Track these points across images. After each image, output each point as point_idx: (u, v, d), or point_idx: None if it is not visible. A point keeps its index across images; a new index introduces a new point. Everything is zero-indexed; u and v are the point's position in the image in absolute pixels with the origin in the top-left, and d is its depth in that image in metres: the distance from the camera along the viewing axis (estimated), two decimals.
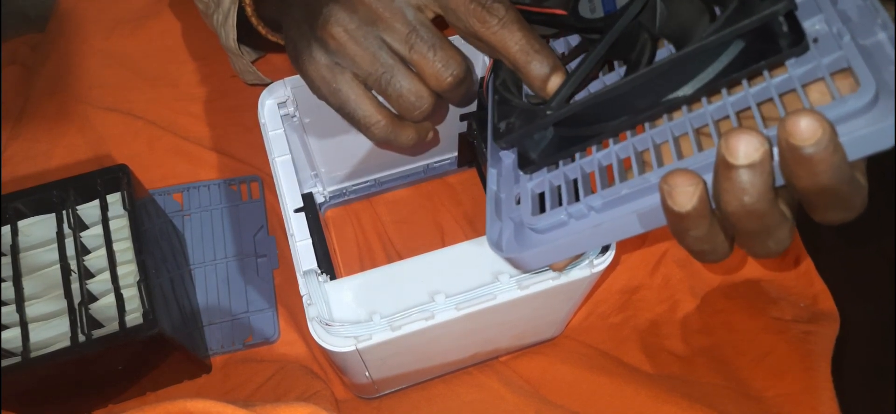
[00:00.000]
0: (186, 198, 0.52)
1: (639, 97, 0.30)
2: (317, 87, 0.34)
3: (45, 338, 0.38)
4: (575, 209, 0.31)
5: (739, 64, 0.27)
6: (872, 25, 0.25)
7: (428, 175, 0.55)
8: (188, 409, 0.32)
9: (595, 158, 0.32)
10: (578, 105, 0.30)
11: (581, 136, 0.32)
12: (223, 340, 0.48)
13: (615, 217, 0.29)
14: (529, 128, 0.32)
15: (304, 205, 0.39)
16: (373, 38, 0.32)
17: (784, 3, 0.25)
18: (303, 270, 0.36)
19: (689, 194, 0.25)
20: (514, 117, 0.33)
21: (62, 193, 0.41)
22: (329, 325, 0.34)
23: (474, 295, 0.35)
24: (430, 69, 0.33)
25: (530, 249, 0.32)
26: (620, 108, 0.30)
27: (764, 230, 0.26)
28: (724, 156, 0.24)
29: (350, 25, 0.32)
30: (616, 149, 0.31)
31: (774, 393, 0.45)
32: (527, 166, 0.34)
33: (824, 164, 0.23)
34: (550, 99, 0.31)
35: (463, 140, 0.52)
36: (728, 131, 0.24)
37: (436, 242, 0.53)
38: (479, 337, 0.41)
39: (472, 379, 0.45)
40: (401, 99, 0.33)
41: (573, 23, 0.33)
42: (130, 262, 0.40)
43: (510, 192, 0.35)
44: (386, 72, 0.33)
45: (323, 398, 0.43)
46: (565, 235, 0.31)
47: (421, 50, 0.32)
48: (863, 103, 0.24)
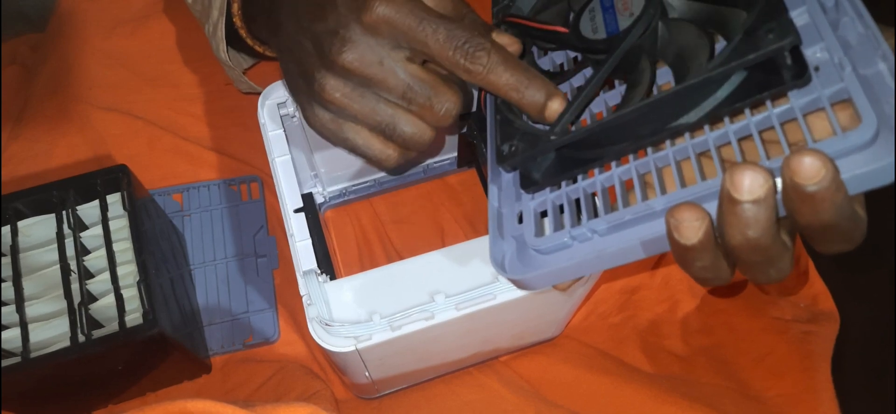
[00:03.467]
0: (186, 198, 0.52)
1: (642, 124, 0.30)
2: (324, 136, 0.35)
3: (45, 338, 0.38)
4: (578, 232, 0.31)
5: (742, 94, 0.28)
6: (873, 55, 0.26)
7: (428, 175, 0.55)
8: (188, 409, 0.32)
9: (597, 179, 0.32)
10: (582, 131, 0.30)
11: (584, 159, 0.32)
12: (223, 340, 0.48)
13: (619, 243, 0.30)
14: (533, 152, 0.32)
15: (304, 205, 0.39)
16: (370, 96, 0.33)
17: (790, 39, 0.26)
18: (303, 270, 0.36)
19: (696, 229, 0.26)
20: (517, 140, 0.33)
21: (62, 193, 0.41)
22: (329, 325, 0.34)
23: (474, 295, 0.35)
24: (430, 116, 0.34)
25: (533, 271, 0.32)
26: (624, 133, 0.30)
27: (766, 261, 0.27)
28: (729, 191, 0.25)
29: (345, 89, 0.33)
30: (618, 171, 0.31)
31: (774, 393, 0.45)
32: (529, 186, 0.34)
33: (827, 203, 0.24)
34: (554, 123, 0.31)
35: (463, 140, 0.52)
36: (733, 166, 0.24)
37: (436, 242, 0.53)
38: (479, 337, 0.41)
39: (472, 379, 0.45)
40: (405, 141, 0.34)
41: (574, 42, 0.33)
42: (130, 262, 0.40)
43: (511, 208, 0.35)
44: (388, 123, 0.33)
45: (323, 398, 0.43)
46: (568, 258, 0.31)
47: (418, 102, 0.33)
48: (864, 139, 0.24)
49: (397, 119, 0.34)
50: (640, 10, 0.31)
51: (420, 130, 0.34)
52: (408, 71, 0.33)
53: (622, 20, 0.31)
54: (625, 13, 0.31)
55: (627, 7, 0.32)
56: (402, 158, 0.36)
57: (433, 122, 0.34)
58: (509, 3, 0.38)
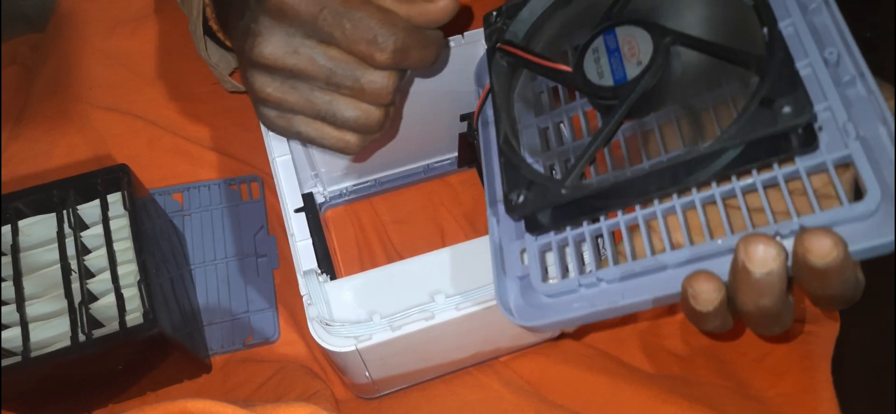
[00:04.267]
0: (186, 198, 0.52)
1: (653, 181, 0.30)
2: (278, 133, 0.34)
3: (45, 337, 0.38)
4: (588, 280, 0.31)
5: (751, 157, 0.28)
6: (874, 118, 0.27)
7: (428, 175, 0.55)
8: (188, 409, 0.32)
9: (603, 225, 0.32)
10: (593, 187, 0.30)
11: (590, 206, 0.32)
12: (223, 340, 0.48)
13: (631, 297, 0.30)
14: (544, 204, 0.32)
15: (304, 205, 0.39)
16: (302, 87, 0.32)
17: (806, 116, 0.26)
18: (303, 270, 0.36)
19: (712, 300, 0.27)
20: (525, 190, 0.32)
21: (62, 193, 0.41)
22: (329, 325, 0.34)
23: (474, 295, 0.35)
24: (365, 96, 0.32)
25: (543, 319, 0.32)
26: (634, 189, 0.31)
27: (773, 321, 0.28)
28: (743, 262, 0.26)
29: (274, 84, 0.32)
30: (624, 219, 0.32)
31: (774, 393, 0.45)
32: (535, 229, 0.34)
33: (836, 278, 0.25)
34: (565, 175, 0.31)
35: (463, 140, 0.52)
36: (747, 238, 0.26)
37: (436, 242, 0.53)
38: (479, 337, 0.41)
39: (472, 379, 0.45)
40: (354, 126, 0.33)
41: (580, 84, 0.33)
42: (131, 262, 0.40)
43: (512, 244, 0.35)
44: (327, 111, 0.32)
45: (323, 398, 0.43)
46: (578, 308, 0.31)
47: (347, 84, 0.32)
48: (869, 210, 0.26)
49: (335, 105, 0.32)
50: (647, 58, 0.31)
51: (364, 112, 0.33)
52: (327, 55, 0.31)
53: (630, 67, 0.31)
54: (632, 60, 0.31)
55: (634, 53, 0.31)
56: (362, 142, 0.34)
57: (372, 101, 0.33)
58: (503, 26, 0.37)
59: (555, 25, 0.37)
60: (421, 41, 0.32)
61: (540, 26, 0.37)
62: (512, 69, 0.37)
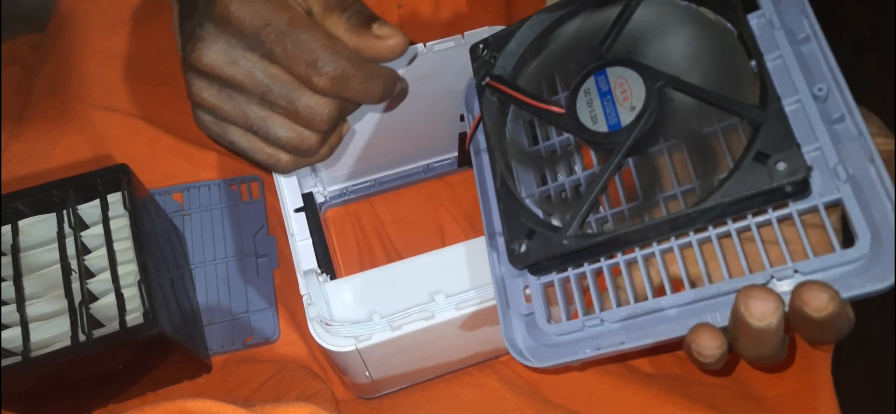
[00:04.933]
0: (186, 198, 0.52)
1: (651, 232, 0.31)
2: (212, 138, 0.34)
3: (45, 337, 0.38)
4: (593, 322, 0.32)
5: (746, 205, 0.29)
6: (863, 159, 0.27)
7: (428, 175, 0.55)
8: (188, 409, 0.32)
9: (603, 264, 0.33)
10: (595, 239, 0.31)
11: (591, 252, 0.32)
12: (223, 340, 0.48)
13: (636, 341, 0.31)
14: (546, 254, 0.32)
15: (304, 205, 0.39)
16: (239, 98, 0.31)
17: (801, 174, 0.26)
18: (303, 270, 0.36)
19: (717, 356, 0.28)
20: (527, 239, 0.32)
21: (62, 193, 0.41)
22: (329, 325, 0.34)
23: (474, 295, 0.35)
24: (298, 119, 0.32)
25: (552, 360, 0.33)
26: (633, 238, 0.31)
27: (769, 361, 0.29)
28: (743, 316, 0.27)
29: (211, 91, 0.31)
30: (624, 259, 0.32)
31: (774, 393, 0.45)
32: (538, 272, 0.34)
33: (831, 326, 0.26)
34: (566, 226, 0.31)
35: (463, 140, 0.52)
36: (746, 292, 0.27)
37: (436, 242, 0.53)
38: (479, 337, 0.41)
39: (472, 379, 0.45)
40: (286, 146, 0.32)
41: (572, 128, 0.33)
42: (131, 261, 0.40)
43: (515, 280, 0.35)
44: (260, 126, 0.32)
45: (323, 398, 0.43)
46: (584, 349, 0.32)
47: (281, 105, 0.31)
48: (861, 254, 0.26)
49: (269, 122, 0.31)
50: (640, 102, 0.31)
51: (298, 135, 0.32)
52: (266, 71, 0.30)
53: (623, 113, 0.31)
54: (625, 105, 0.31)
55: (627, 98, 0.31)
56: (295, 164, 0.34)
57: (306, 125, 0.32)
58: (491, 59, 0.37)
59: (543, 57, 0.37)
60: (366, 73, 0.31)
61: (527, 58, 0.37)
62: (502, 104, 0.37)
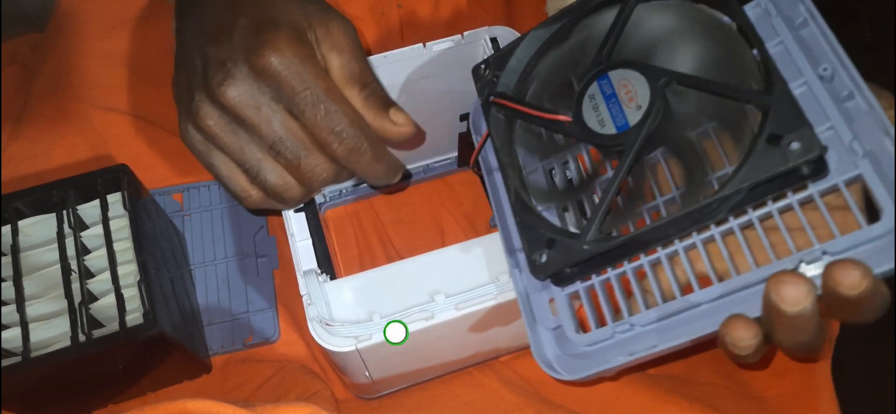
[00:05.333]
0: (186, 198, 0.52)
1: (671, 229, 0.30)
2: (194, 154, 0.34)
3: (45, 338, 0.38)
4: (621, 327, 0.32)
5: (763, 192, 0.29)
6: (878, 133, 0.27)
7: (428, 175, 0.55)
8: (188, 409, 0.33)
9: (627, 267, 0.32)
10: (615, 241, 0.30)
11: (614, 255, 0.32)
12: (223, 340, 0.48)
13: (666, 338, 0.31)
14: (567, 261, 0.32)
15: (303, 205, 0.39)
16: (241, 135, 0.33)
17: (815, 152, 0.26)
18: (303, 270, 0.36)
19: (753, 346, 0.28)
20: (547, 249, 0.32)
21: (62, 193, 0.41)
22: (329, 325, 0.34)
23: (474, 295, 0.35)
24: (297, 174, 0.33)
25: (585, 371, 0.32)
26: (654, 236, 0.31)
27: (809, 349, 0.29)
28: (776, 303, 0.26)
29: (219, 121, 0.32)
30: (647, 260, 0.32)
31: (774, 393, 0.45)
32: (561, 282, 0.34)
33: (867, 304, 0.26)
34: (585, 231, 0.31)
35: (463, 140, 0.52)
36: (776, 279, 0.26)
37: (436, 242, 0.53)
38: (479, 337, 0.41)
39: (472, 379, 0.45)
40: (269, 191, 0.34)
41: (580, 134, 0.33)
42: (131, 262, 0.40)
43: (539, 294, 0.35)
44: (252, 166, 0.33)
45: (323, 398, 0.43)
46: (617, 356, 0.32)
47: (286, 157, 0.32)
48: (888, 229, 0.26)
49: (263, 166, 0.33)
50: (646, 101, 0.31)
51: (285, 183, 0.33)
52: (285, 124, 0.32)
53: (630, 113, 0.31)
54: (631, 105, 0.31)
55: (632, 98, 0.31)
56: (264, 203, 0.35)
57: (300, 180, 0.33)
58: (493, 78, 0.37)
59: (544, 70, 0.37)
60: (376, 153, 0.33)
61: (529, 73, 0.37)
62: (509, 120, 0.37)
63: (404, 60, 0.43)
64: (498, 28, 0.43)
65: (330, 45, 0.33)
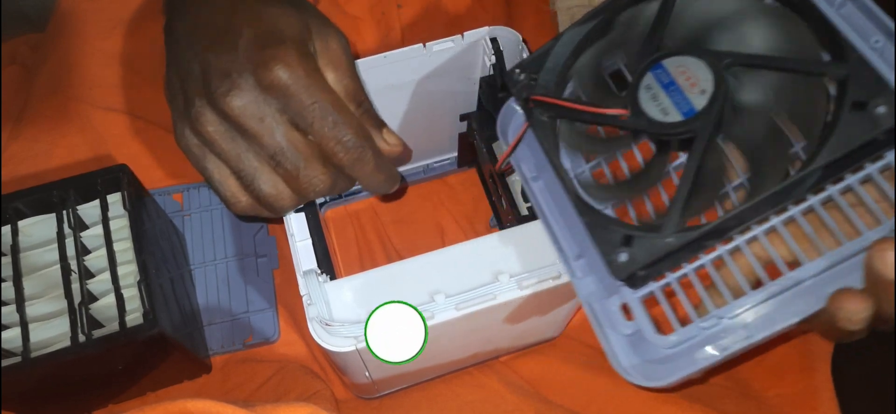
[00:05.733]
0: (186, 198, 0.52)
1: (752, 213, 0.29)
2: (187, 157, 0.35)
3: (45, 338, 0.38)
4: (707, 322, 0.30)
5: (843, 164, 0.28)
6: None
7: (428, 175, 0.55)
8: (188, 409, 0.33)
9: (704, 260, 0.31)
10: (697, 231, 0.29)
11: (696, 245, 0.31)
12: (223, 340, 0.48)
13: (761, 327, 0.29)
14: (650, 257, 0.30)
15: (303, 204, 0.39)
16: (240, 142, 0.33)
17: None
18: (303, 270, 0.36)
19: (865, 319, 0.27)
20: (626, 246, 0.31)
21: (62, 193, 0.41)
22: (329, 325, 0.34)
23: (474, 295, 0.35)
24: (294, 184, 0.33)
25: (674, 375, 0.31)
26: (735, 222, 0.30)
27: None
28: (880, 272, 0.26)
29: (219, 128, 0.32)
30: (725, 250, 0.31)
31: (774, 393, 0.45)
32: (635, 284, 0.32)
33: None
34: (666, 224, 0.30)
35: (463, 140, 0.52)
36: (878, 247, 0.26)
37: (436, 242, 0.53)
38: (479, 337, 0.41)
39: (472, 379, 0.45)
40: (261, 199, 0.34)
41: (644, 126, 0.32)
42: (131, 262, 0.40)
43: (607, 301, 0.33)
44: (248, 173, 0.33)
45: (323, 398, 0.43)
46: (706, 349, 0.30)
47: (286, 167, 0.33)
48: None
49: (259, 175, 0.33)
50: (709, 84, 0.30)
51: (278, 193, 0.34)
52: (286, 136, 0.32)
53: (695, 98, 0.30)
54: (694, 91, 0.30)
55: (694, 84, 0.31)
56: (251, 210, 0.35)
57: (296, 190, 0.34)
58: (531, 81, 0.37)
59: (582, 68, 0.36)
60: (378, 163, 0.34)
61: (566, 72, 0.36)
62: (552, 120, 0.36)
63: (404, 60, 0.43)
64: (498, 28, 0.43)
65: (327, 60, 0.34)
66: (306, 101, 0.32)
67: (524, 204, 0.41)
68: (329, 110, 0.32)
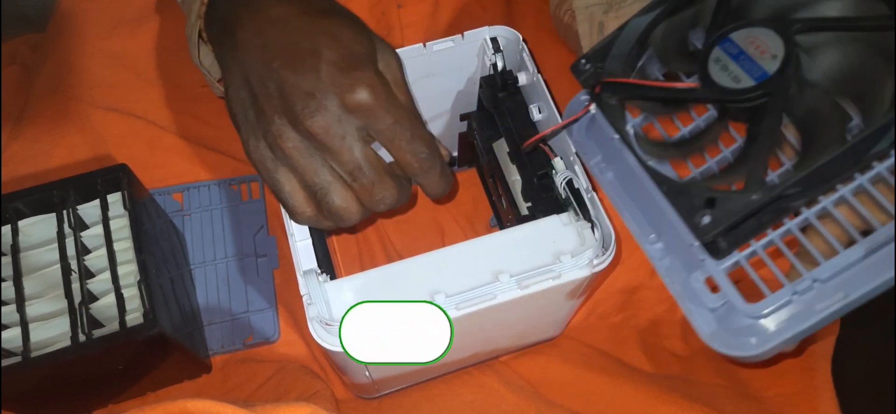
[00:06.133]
0: (186, 198, 0.52)
1: (832, 169, 0.29)
2: (256, 167, 0.36)
3: (45, 338, 0.38)
4: (801, 285, 0.30)
5: None
6: None
7: None
8: (188, 409, 0.33)
9: (790, 225, 0.31)
10: (780, 186, 0.29)
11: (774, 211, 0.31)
12: (223, 340, 0.48)
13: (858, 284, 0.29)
14: (735, 216, 0.30)
15: None
16: (317, 158, 0.34)
17: None
18: (303, 270, 0.36)
19: None
20: (708, 208, 0.31)
21: (62, 193, 0.41)
22: (329, 324, 0.34)
23: (474, 295, 0.35)
24: (367, 198, 0.35)
25: (776, 339, 0.30)
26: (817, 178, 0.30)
27: None
28: None
29: (299, 145, 0.34)
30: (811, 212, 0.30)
31: (774, 393, 0.45)
32: (718, 254, 0.32)
33: None
34: (750, 184, 0.30)
35: (463, 140, 0.52)
36: None
37: (436, 242, 0.53)
38: (480, 337, 0.41)
39: (472, 379, 0.45)
40: (331, 213, 0.35)
41: (718, 95, 0.32)
42: (131, 261, 0.40)
43: (690, 276, 0.33)
44: (322, 187, 0.35)
45: (323, 398, 0.43)
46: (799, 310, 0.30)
47: (362, 183, 0.34)
48: None
49: (332, 188, 0.35)
50: (780, 50, 0.30)
51: (348, 206, 0.35)
52: (363, 152, 0.34)
53: (766, 63, 0.31)
54: (765, 57, 0.31)
55: (764, 51, 0.31)
56: (315, 222, 0.36)
57: (367, 204, 0.35)
58: (597, 70, 0.38)
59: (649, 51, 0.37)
60: (444, 169, 0.37)
61: (632, 59, 0.37)
62: (621, 103, 0.37)
63: (404, 60, 0.43)
64: (498, 28, 0.43)
65: (390, 79, 0.36)
66: (388, 120, 0.34)
67: (524, 204, 0.41)
68: (407, 126, 0.34)
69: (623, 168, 0.37)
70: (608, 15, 0.47)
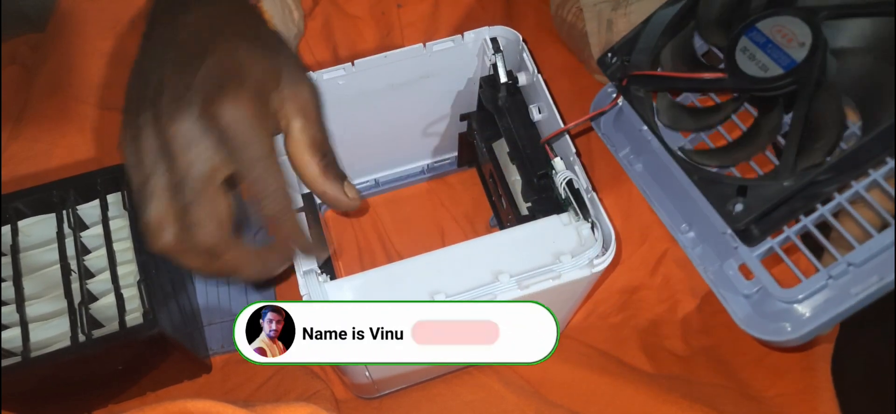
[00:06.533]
0: None
1: (865, 153, 0.29)
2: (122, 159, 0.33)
3: (45, 338, 0.38)
4: (836, 269, 0.29)
5: None
6: None
7: (428, 175, 0.55)
8: (188, 409, 0.32)
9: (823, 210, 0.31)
10: (813, 172, 0.29)
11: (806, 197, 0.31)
12: (223, 340, 0.48)
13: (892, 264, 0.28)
14: (767, 202, 0.30)
15: (304, 205, 0.39)
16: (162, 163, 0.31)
17: None
18: (303, 270, 0.36)
19: None
20: (740, 197, 0.31)
21: (62, 193, 0.41)
22: None
23: (474, 295, 0.35)
24: (182, 219, 0.31)
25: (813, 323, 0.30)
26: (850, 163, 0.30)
27: None
28: None
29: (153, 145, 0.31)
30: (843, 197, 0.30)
31: (774, 393, 0.45)
32: (751, 241, 0.32)
33: None
34: (780, 169, 0.30)
35: (463, 140, 0.52)
36: None
37: (436, 242, 0.53)
38: None
39: (472, 379, 0.45)
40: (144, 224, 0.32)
41: (747, 84, 0.32)
42: (130, 261, 0.40)
43: (724, 265, 0.33)
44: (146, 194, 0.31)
45: (323, 398, 0.43)
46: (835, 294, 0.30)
47: (180, 200, 0.31)
48: None
49: (152, 197, 0.31)
50: (808, 37, 0.30)
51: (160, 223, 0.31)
52: (199, 172, 0.31)
53: (794, 51, 0.31)
54: (792, 45, 0.31)
55: (791, 39, 0.31)
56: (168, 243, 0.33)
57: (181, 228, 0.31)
58: (624, 63, 0.38)
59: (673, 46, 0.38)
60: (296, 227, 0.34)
61: (657, 52, 0.37)
62: (648, 95, 0.37)
63: (404, 60, 0.43)
64: (498, 28, 0.43)
65: (296, 108, 0.34)
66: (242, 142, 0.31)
67: (524, 204, 0.41)
68: (260, 158, 0.31)
69: (652, 159, 0.37)
70: (616, 12, 0.47)
